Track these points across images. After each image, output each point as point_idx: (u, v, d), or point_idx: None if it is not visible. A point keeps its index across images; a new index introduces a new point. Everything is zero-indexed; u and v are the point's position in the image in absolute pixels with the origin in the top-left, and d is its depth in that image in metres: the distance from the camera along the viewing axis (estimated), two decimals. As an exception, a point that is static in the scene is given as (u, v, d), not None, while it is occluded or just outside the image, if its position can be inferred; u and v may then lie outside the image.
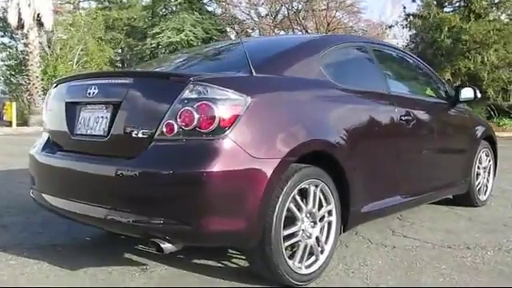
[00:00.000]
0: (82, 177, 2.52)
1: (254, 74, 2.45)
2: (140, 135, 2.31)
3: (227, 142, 2.20)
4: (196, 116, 2.20)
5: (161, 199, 2.21)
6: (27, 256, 3.01)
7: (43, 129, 3.06)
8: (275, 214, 2.34)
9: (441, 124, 3.86)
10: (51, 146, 2.87)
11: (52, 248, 3.19)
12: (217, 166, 2.15)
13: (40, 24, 19.02)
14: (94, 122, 2.57)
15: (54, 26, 20.25)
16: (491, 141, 4.69)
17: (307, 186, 2.53)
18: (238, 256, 2.98)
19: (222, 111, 2.21)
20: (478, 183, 4.49)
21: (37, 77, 18.53)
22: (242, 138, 2.24)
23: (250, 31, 30.45)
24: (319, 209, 2.62)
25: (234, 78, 2.43)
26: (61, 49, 21.91)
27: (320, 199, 2.63)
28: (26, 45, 19.10)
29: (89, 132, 2.58)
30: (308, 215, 2.56)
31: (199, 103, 2.21)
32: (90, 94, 2.57)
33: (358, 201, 2.85)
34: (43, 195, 2.85)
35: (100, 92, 2.53)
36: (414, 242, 3.37)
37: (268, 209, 2.31)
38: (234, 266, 2.89)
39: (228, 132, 2.21)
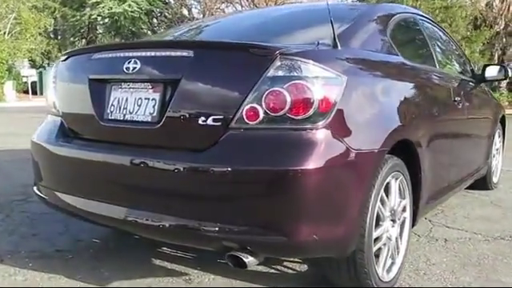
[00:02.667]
0: (125, 174, 2.00)
1: (339, 47, 2.03)
2: (209, 122, 1.83)
3: (326, 132, 1.78)
4: (288, 99, 1.75)
5: (245, 204, 1.76)
6: (34, 268, 2.46)
7: (51, 111, 2.47)
8: (369, 215, 1.97)
9: (476, 105, 3.63)
10: (67, 134, 2.31)
11: (59, 255, 2.64)
12: (317, 162, 1.73)
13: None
14: (135, 104, 2.05)
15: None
16: (502, 121, 4.55)
17: (389, 180, 2.18)
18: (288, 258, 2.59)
19: (320, 93, 1.78)
20: (492, 165, 4.34)
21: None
22: (341, 126, 1.83)
23: (196, 3, 29.39)
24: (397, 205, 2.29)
25: (326, 52, 1.99)
26: (-10, 17, 19.98)
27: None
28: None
29: (128, 117, 2.06)
30: (389, 214, 2.22)
31: (291, 83, 1.76)
32: (127, 69, 2.03)
33: (426, 192, 2.54)
34: (58, 194, 2.30)
35: (144, 67, 2.01)
36: (462, 233, 3.13)
37: (364, 209, 1.94)
38: (292, 271, 2.50)
39: (327, 119, 1.78)
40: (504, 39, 19.98)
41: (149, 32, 29.65)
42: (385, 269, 2.20)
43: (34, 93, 23.49)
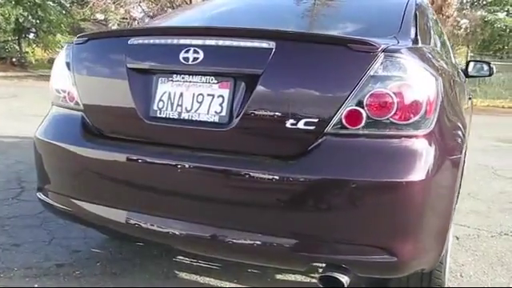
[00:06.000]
0: (189, 182, 1.70)
1: (420, 44, 1.88)
2: (300, 126, 1.59)
3: (431, 138, 1.61)
4: (395, 101, 1.57)
5: (349, 220, 1.56)
6: (43, 289, 2.08)
7: (60, 104, 2.05)
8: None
9: (467, 100, 3.68)
10: (93, 132, 1.93)
11: (65, 272, 2.26)
12: (429, 172, 1.56)
13: None
14: (194, 101, 1.74)
15: None
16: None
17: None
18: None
19: (425, 96, 1.61)
20: (462, 158, 4.49)
21: None
22: (441, 131, 1.68)
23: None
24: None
25: (420, 50, 1.81)
26: None
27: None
28: None
29: (185, 116, 1.74)
30: (449, 218, 2.14)
31: (397, 83, 1.58)
32: (186, 59, 1.72)
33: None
34: (77, 203, 1.93)
35: (208, 58, 1.71)
36: (467, 229, 3.17)
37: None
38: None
39: (431, 124, 1.62)
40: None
41: (53, 4, 27.52)
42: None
43: None
